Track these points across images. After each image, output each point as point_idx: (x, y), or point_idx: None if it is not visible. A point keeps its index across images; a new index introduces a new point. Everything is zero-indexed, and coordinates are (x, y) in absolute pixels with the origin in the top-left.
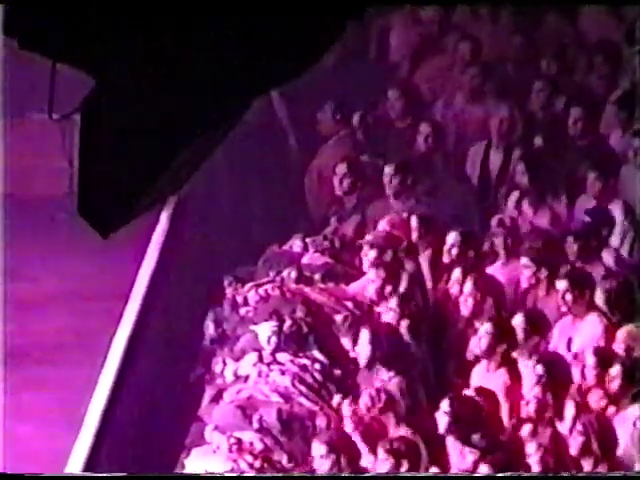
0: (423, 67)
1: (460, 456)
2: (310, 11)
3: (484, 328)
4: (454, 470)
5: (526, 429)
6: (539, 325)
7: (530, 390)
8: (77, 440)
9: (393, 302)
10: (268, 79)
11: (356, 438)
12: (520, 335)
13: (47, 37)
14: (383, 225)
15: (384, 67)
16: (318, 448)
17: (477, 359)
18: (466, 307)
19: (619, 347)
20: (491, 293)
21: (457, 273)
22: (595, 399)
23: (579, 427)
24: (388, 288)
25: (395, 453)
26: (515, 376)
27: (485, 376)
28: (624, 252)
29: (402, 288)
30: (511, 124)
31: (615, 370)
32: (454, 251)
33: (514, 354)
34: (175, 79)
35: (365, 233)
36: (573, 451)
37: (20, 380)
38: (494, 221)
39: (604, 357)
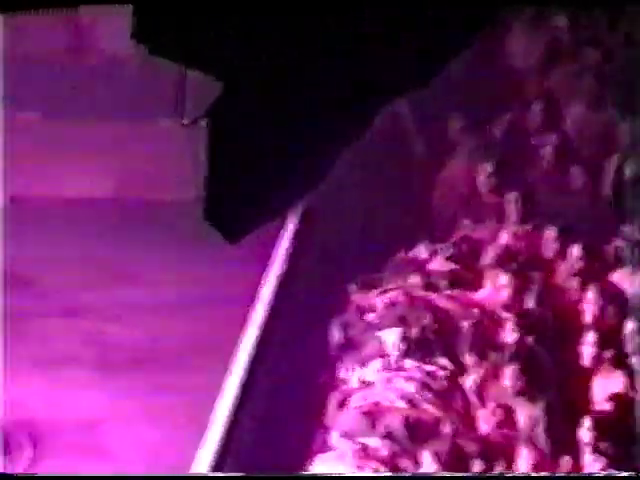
0: (553, 75)
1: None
2: (444, 20)
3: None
4: None
5: None
6: None
7: None
8: (203, 444)
9: (523, 312)
10: (398, 87)
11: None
12: (636, 341)
13: (176, 42)
14: (505, 238)
15: (513, 74)
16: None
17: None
18: (588, 315)
19: None
20: (613, 301)
21: (580, 281)
22: None
23: None
24: (518, 297)
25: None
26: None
27: (603, 384)
28: None
29: (532, 298)
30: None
31: None
32: (578, 264)
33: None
34: (304, 82)
35: (494, 241)
36: None
37: (147, 385)
38: (623, 234)
39: None
